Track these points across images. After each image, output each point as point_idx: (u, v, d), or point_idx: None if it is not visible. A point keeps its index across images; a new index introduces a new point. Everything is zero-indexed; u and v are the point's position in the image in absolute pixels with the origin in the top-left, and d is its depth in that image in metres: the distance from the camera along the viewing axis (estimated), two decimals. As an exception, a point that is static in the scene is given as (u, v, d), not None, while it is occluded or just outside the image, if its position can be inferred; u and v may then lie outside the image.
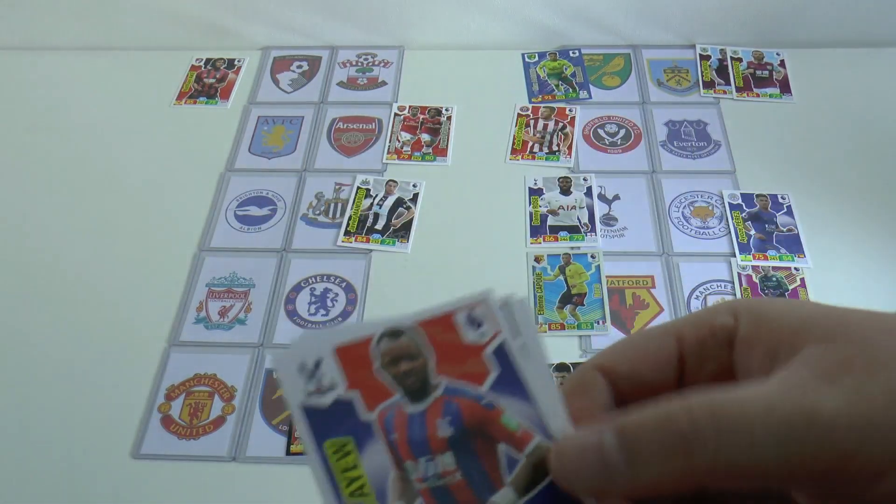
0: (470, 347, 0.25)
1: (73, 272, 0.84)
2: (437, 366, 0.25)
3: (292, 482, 0.69)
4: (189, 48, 1.07)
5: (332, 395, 0.24)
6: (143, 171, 0.94)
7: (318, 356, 0.25)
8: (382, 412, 0.24)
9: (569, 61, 1.05)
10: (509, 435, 0.24)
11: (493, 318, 0.26)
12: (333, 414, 0.24)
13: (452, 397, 0.25)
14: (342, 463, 0.24)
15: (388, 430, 0.24)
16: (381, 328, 0.25)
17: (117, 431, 0.72)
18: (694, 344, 0.26)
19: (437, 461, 0.24)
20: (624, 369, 0.27)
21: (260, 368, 0.76)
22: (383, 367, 0.25)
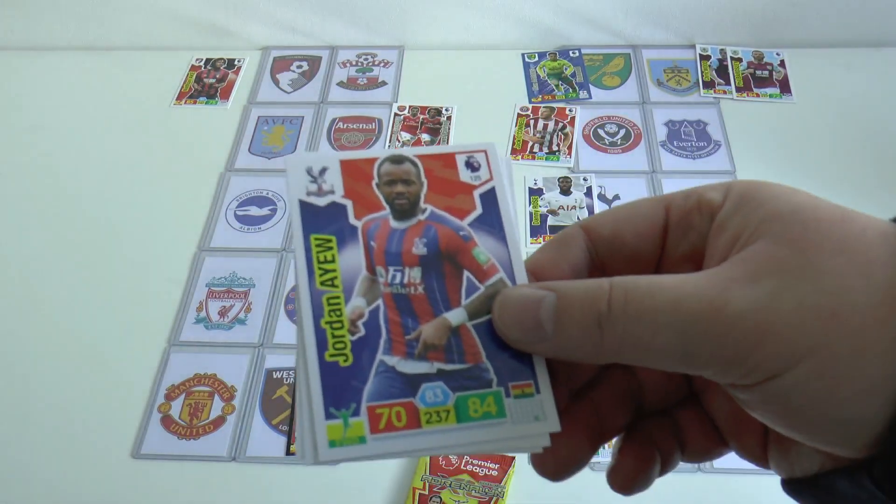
0: (462, 185, 0.28)
1: (72, 272, 0.84)
2: (427, 195, 0.28)
3: (292, 482, 0.69)
4: (189, 48, 1.07)
5: (329, 199, 0.27)
6: (143, 171, 0.94)
7: (325, 164, 0.28)
8: (368, 222, 0.27)
9: (569, 61, 1.05)
10: (477, 266, 0.27)
11: (489, 166, 0.29)
12: (326, 214, 0.27)
13: (434, 223, 0.27)
14: (322, 255, 0.26)
15: (369, 237, 0.27)
16: (386, 153, 0.28)
17: (117, 431, 0.72)
18: (680, 215, 0.26)
19: (405, 272, 0.26)
20: (606, 231, 0.27)
21: (260, 368, 0.76)
22: (380, 186, 0.28)
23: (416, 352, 0.25)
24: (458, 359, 0.25)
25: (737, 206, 0.25)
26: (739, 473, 0.68)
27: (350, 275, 0.26)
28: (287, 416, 0.72)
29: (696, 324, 0.22)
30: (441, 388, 0.25)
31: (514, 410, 0.25)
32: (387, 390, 0.24)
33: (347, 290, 0.26)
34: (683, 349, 0.22)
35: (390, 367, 0.25)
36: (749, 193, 0.25)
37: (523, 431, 0.24)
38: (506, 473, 0.66)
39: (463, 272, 0.27)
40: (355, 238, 0.27)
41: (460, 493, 0.66)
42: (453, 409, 0.24)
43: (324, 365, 0.24)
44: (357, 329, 0.25)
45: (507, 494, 0.66)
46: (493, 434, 0.24)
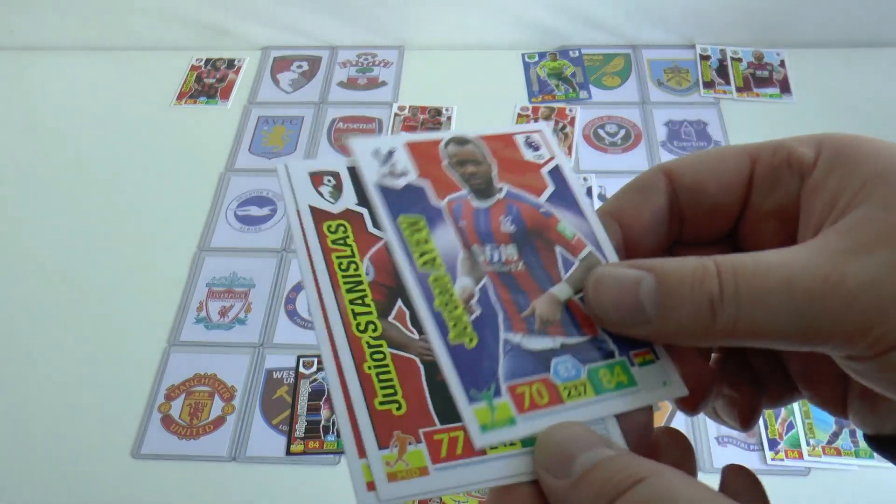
0: (528, 164, 0.28)
1: (73, 272, 0.84)
2: (499, 173, 0.27)
3: (292, 482, 0.69)
4: (189, 48, 1.07)
5: (405, 180, 0.26)
6: (143, 170, 0.94)
7: (392, 146, 0.27)
8: (451, 202, 0.26)
9: (569, 61, 1.05)
10: (565, 241, 0.27)
11: (549, 145, 0.29)
12: (406, 195, 0.26)
13: (514, 201, 0.27)
14: (415, 237, 0.25)
15: (456, 217, 0.26)
16: (450, 135, 0.28)
17: (117, 431, 0.72)
18: (767, 170, 0.25)
19: (501, 250, 0.26)
20: (689, 178, 0.26)
21: (260, 368, 0.76)
22: (450, 167, 0.27)
23: (536, 328, 0.25)
24: (576, 332, 0.25)
25: (831, 165, 0.24)
26: (739, 473, 0.68)
27: (449, 254, 0.25)
28: (287, 415, 0.72)
29: (813, 302, 0.21)
30: (571, 361, 0.24)
31: (642, 378, 0.25)
32: (520, 368, 0.24)
33: (450, 269, 0.25)
34: (800, 328, 0.21)
35: (516, 345, 0.24)
36: (844, 152, 0.23)
37: (655, 397, 0.24)
38: (506, 473, 0.66)
39: (555, 247, 0.26)
40: (442, 218, 0.26)
41: (460, 492, 0.66)
42: (588, 381, 0.24)
43: (451, 349, 0.24)
44: (472, 309, 0.25)
45: (507, 494, 0.65)
46: (629, 403, 0.24)
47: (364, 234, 0.26)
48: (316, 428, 0.71)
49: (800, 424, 0.70)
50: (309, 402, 0.73)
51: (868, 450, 0.69)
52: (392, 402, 0.23)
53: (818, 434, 0.70)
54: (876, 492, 0.67)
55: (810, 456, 0.68)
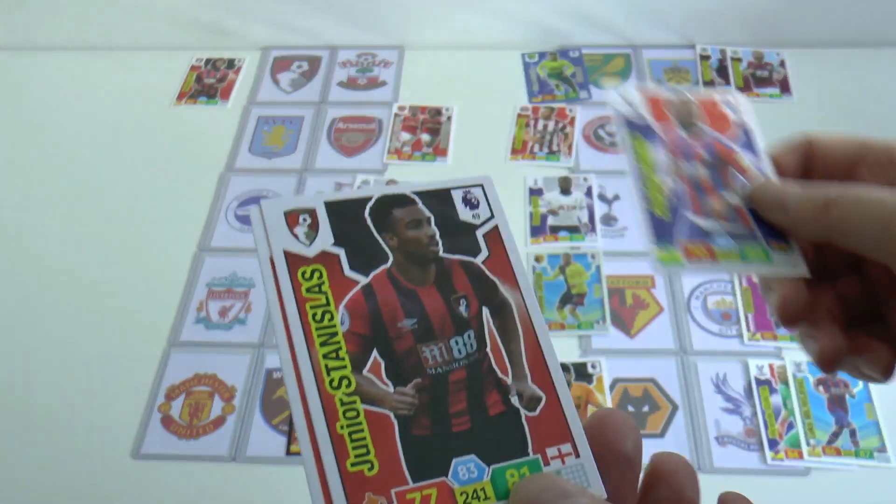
0: (731, 120, 0.36)
1: (73, 272, 0.84)
2: (705, 122, 0.35)
3: (292, 482, 0.69)
4: (189, 48, 1.07)
5: (644, 121, 0.34)
6: (143, 171, 0.94)
7: (633, 98, 0.35)
8: (669, 132, 0.34)
9: (569, 61, 1.05)
10: (741, 167, 0.34)
11: (743, 113, 0.36)
12: (643, 129, 0.34)
13: (710, 138, 0.35)
14: (640, 152, 0.34)
15: (673, 145, 0.34)
16: (671, 92, 0.36)
17: (117, 431, 0.72)
18: (875, 161, 0.33)
19: (695, 166, 0.34)
20: (830, 155, 0.34)
21: (260, 368, 0.76)
22: (674, 112, 0.35)
23: (707, 213, 0.32)
24: (736, 225, 0.32)
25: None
26: (739, 473, 0.68)
27: (659, 163, 0.33)
28: (287, 415, 0.72)
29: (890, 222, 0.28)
30: (729, 240, 0.32)
31: (776, 259, 0.32)
32: (692, 234, 0.32)
33: (657, 170, 0.33)
34: (881, 241, 0.29)
35: (692, 221, 0.32)
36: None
37: (784, 271, 0.32)
38: (506, 473, 0.66)
39: (734, 172, 0.34)
40: (659, 143, 0.34)
41: (460, 493, 0.66)
42: (738, 252, 0.32)
43: (652, 217, 0.32)
44: (668, 195, 0.32)
45: (507, 494, 0.65)
46: (764, 269, 0.32)
47: (340, 277, 0.25)
48: (316, 428, 0.71)
49: (800, 424, 0.70)
50: (309, 402, 0.73)
51: (868, 450, 0.69)
52: (364, 462, 0.23)
53: (818, 434, 0.70)
54: (876, 492, 0.67)
55: (810, 456, 0.68)
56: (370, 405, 0.23)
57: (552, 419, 0.25)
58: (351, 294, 0.25)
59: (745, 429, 0.71)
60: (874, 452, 0.69)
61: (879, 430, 0.70)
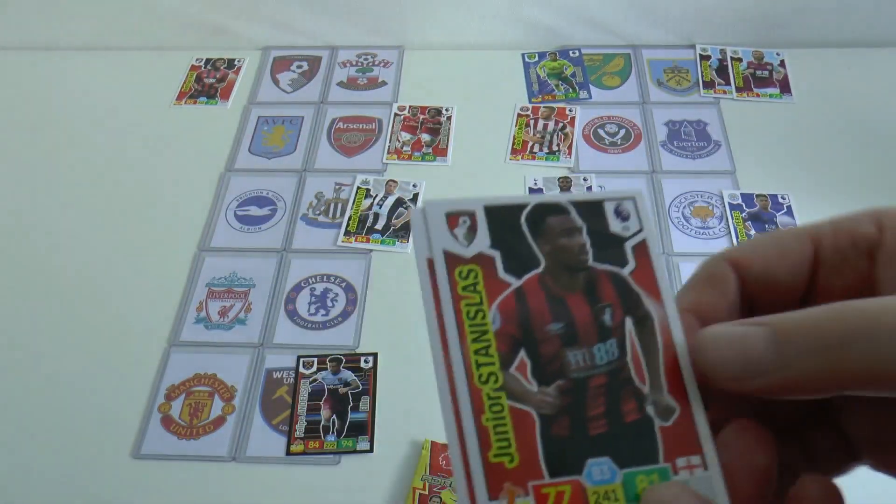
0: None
1: (73, 272, 0.84)
2: None
3: (292, 482, 0.69)
4: (189, 48, 1.07)
5: None
6: (143, 171, 0.94)
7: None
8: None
9: (569, 61, 1.05)
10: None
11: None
12: None
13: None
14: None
15: None
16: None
17: (117, 431, 0.72)
18: (831, 251, 0.26)
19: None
20: (758, 266, 0.26)
21: (260, 368, 0.76)
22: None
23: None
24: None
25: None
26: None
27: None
28: (287, 415, 0.72)
29: None
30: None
31: None
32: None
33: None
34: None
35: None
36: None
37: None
38: (506, 473, 0.66)
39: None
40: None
41: (460, 493, 0.66)
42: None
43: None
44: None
45: (507, 494, 0.66)
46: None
47: (494, 279, 0.26)
48: (316, 428, 0.71)
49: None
50: (309, 402, 0.73)
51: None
52: (505, 454, 0.24)
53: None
54: (876, 491, 0.67)
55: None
56: (515, 402, 0.24)
57: (684, 431, 0.25)
58: (503, 295, 0.26)
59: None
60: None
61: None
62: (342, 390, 0.74)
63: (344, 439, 0.71)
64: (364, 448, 0.70)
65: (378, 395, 0.73)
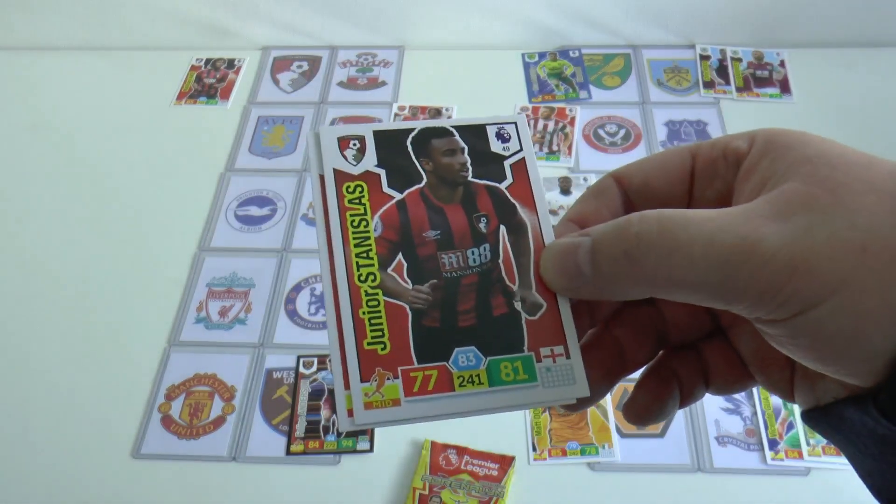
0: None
1: (73, 272, 0.84)
2: None
3: (292, 482, 0.69)
4: (189, 48, 1.07)
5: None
6: (143, 170, 0.94)
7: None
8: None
9: (569, 61, 1.05)
10: None
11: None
12: None
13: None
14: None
15: None
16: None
17: (117, 431, 0.72)
18: (706, 163, 0.27)
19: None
20: (637, 180, 0.28)
21: (260, 368, 0.76)
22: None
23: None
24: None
25: (763, 151, 0.25)
26: (740, 474, 0.68)
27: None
28: (287, 415, 0.72)
29: (730, 259, 0.22)
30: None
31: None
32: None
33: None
34: (717, 283, 0.23)
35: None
36: (776, 139, 0.25)
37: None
38: (506, 473, 0.66)
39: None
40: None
41: (460, 493, 0.66)
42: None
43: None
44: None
45: (507, 494, 0.66)
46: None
47: (379, 193, 0.29)
48: (316, 428, 0.71)
49: (800, 424, 0.70)
50: (309, 402, 0.73)
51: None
52: (378, 343, 0.26)
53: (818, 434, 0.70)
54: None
55: (810, 456, 0.68)
56: (390, 297, 0.27)
57: (549, 324, 0.27)
58: (386, 206, 0.28)
59: (745, 429, 0.71)
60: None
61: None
62: (342, 390, 0.74)
63: (344, 439, 0.71)
64: (364, 448, 0.70)
65: (378, 395, 0.73)
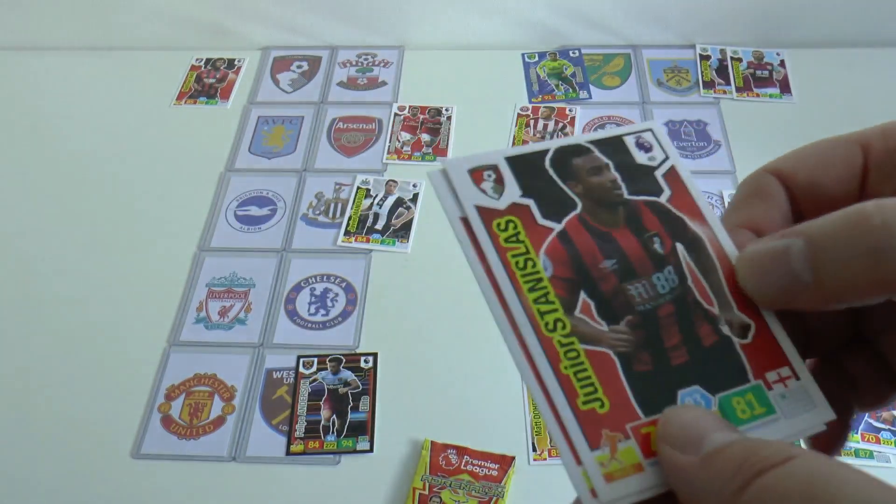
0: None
1: (72, 272, 0.84)
2: None
3: (292, 482, 0.69)
4: (189, 48, 1.07)
5: None
6: (143, 170, 0.94)
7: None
8: None
9: (569, 61, 1.05)
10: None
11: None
12: None
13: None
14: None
15: None
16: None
17: (117, 431, 0.72)
18: (882, 154, 0.24)
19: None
20: (803, 178, 0.25)
21: (260, 368, 0.76)
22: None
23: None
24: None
25: None
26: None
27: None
28: (287, 415, 0.72)
29: None
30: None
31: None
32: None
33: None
34: None
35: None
36: None
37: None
38: (506, 473, 0.66)
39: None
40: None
41: (460, 493, 0.66)
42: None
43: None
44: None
45: (507, 494, 0.66)
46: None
47: (534, 226, 0.25)
48: (316, 428, 0.71)
49: None
50: (309, 402, 0.73)
51: (868, 449, 0.69)
52: (595, 400, 0.23)
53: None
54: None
55: None
56: (588, 345, 0.23)
57: (765, 344, 0.24)
58: (548, 241, 0.25)
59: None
60: (874, 452, 0.69)
61: (878, 431, 0.70)
62: (342, 390, 0.74)
63: (344, 439, 0.71)
64: (364, 448, 0.70)
65: (378, 395, 0.73)
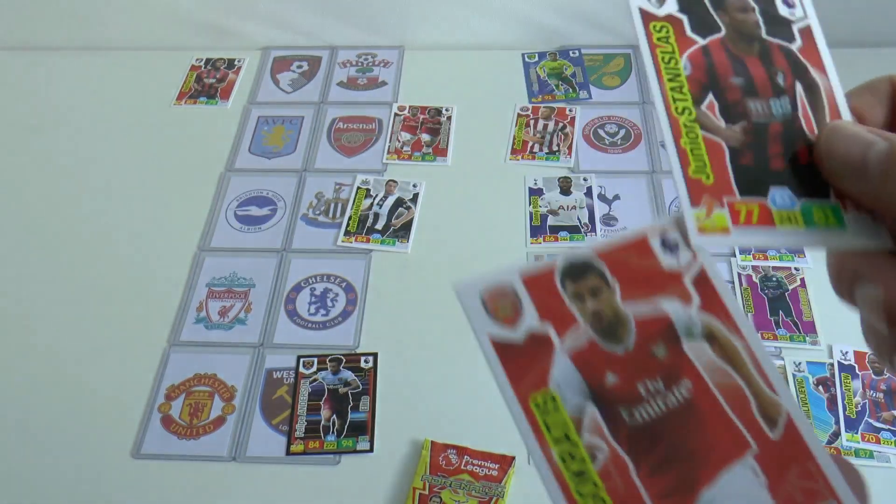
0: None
1: (72, 272, 0.84)
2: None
3: (292, 482, 0.69)
4: (189, 48, 1.07)
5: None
6: (143, 170, 0.94)
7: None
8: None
9: (569, 61, 1.05)
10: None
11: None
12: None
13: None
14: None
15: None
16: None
17: (117, 431, 0.72)
18: None
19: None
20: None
21: (260, 368, 0.76)
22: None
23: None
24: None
25: None
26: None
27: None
28: (287, 415, 0.72)
29: None
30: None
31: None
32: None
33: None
34: None
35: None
36: None
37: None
38: (506, 473, 0.66)
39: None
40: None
41: (460, 493, 0.66)
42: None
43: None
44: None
45: (507, 494, 0.66)
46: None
47: (683, 36, 0.30)
48: (316, 428, 0.71)
49: None
50: (309, 402, 0.73)
51: (868, 449, 0.69)
52: (702, 172, 0.27)
53: (818, 434, 0.70)
54: (876, 492, 0.67)
55: None
56: (707, 132, 0.28)
57: None
58: (692, 49, 0.30)
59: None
60: (874, 453, 0.69)
61: (878, 431, 0.70)
62: (342, 390, 0.74)
63: (344, 439, 0.71)
64: (364, 448, 0.70)
65: (378, 395, 0.73)
